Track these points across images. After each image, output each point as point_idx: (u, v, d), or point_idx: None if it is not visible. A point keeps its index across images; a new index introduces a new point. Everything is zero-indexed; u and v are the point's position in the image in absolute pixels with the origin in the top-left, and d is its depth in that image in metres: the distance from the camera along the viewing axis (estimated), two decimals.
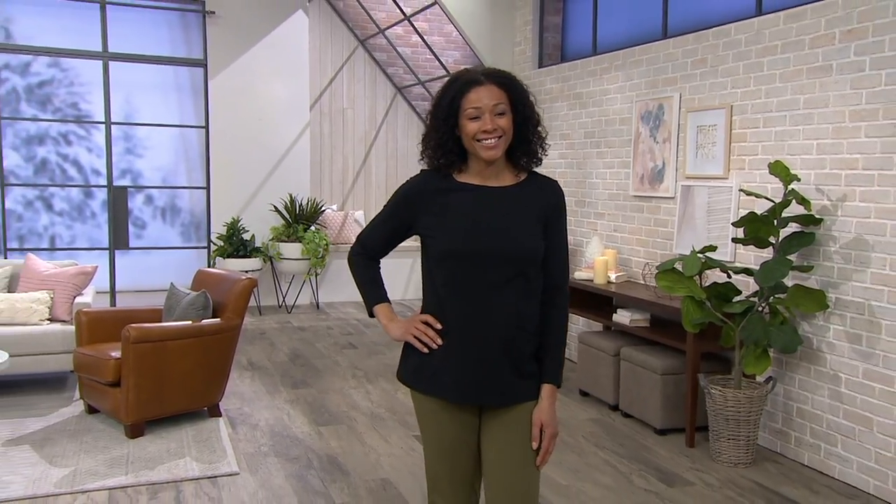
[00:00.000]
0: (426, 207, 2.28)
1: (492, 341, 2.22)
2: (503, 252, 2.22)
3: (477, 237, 2.21)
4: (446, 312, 2.25)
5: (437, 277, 2.27)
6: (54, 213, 8.32)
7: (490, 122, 2.16)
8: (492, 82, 2.19)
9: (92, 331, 4.97)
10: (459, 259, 2.22)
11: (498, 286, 2.22)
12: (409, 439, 4.66)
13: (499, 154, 2.20)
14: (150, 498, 3.77)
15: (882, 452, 3.91)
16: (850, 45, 4.05)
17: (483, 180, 2.27)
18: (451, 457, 2.31)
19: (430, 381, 2.27)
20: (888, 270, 3.86)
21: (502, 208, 2.25)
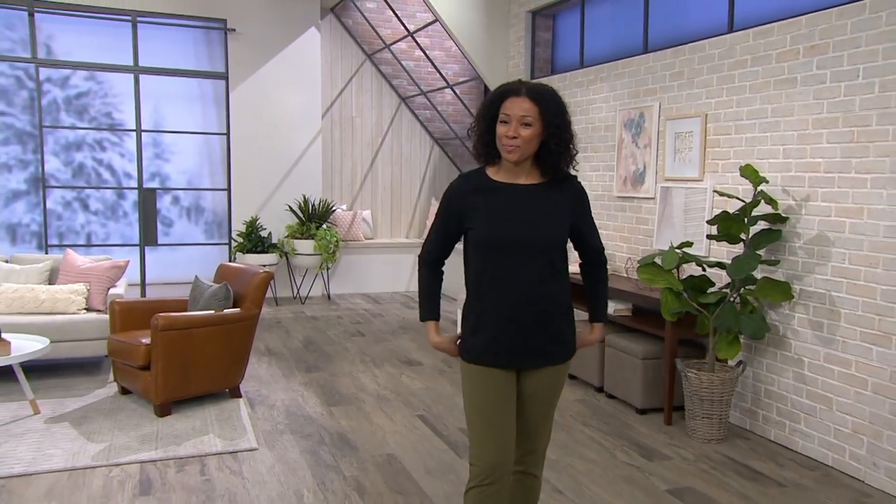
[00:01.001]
0: (467, 204, 2.42)
1: (528, 317, 2.39)
2: (530, 240, 2.38)
3: (508, 228, 2.37)
4: (486, 294, 2.41)
5: (475, 264, 2.44)
6: (90, 212, 8.33)
7: (514, 130, 2.31)
8: (527, 96, 2.33)
9: (124, 319, 4.98)
10: (494, 247, 2.39)
11: (529, 270, 2.38)
12: (413, 418, 4.68)
13: (516, 158, 2.35)
14: (178, 470, 3.79)
15: (840, 429, 3.93)
16: (813, 59, 4.06)
17: (514, 178, 2.43)
18: (491, 412, 2.42)
19: (480, 353, 2.42)
20: (847, 264, 3.88)
21: (529, 203, 2.41)
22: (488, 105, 2.38)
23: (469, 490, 2.43)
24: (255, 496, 3.51)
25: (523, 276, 2.38)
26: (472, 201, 2.41)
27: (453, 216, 2.46)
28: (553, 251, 2.42)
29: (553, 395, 2.52)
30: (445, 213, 2.49)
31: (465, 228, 2.45)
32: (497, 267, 2.39)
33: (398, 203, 10.09)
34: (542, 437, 2.56)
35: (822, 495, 3.65)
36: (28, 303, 5.37)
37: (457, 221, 2.46)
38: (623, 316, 5.18)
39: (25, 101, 7.91)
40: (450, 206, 2.47)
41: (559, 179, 2.47)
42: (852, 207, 3.84)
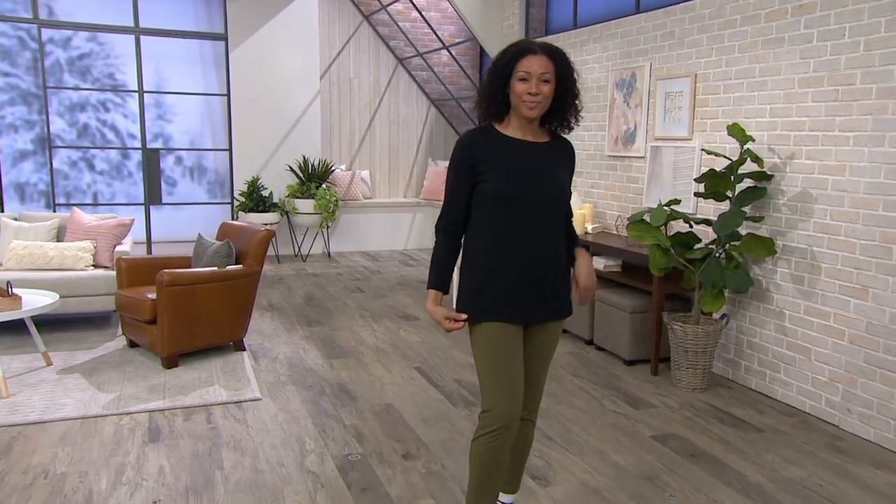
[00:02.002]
0: (480, 155, 2.36)
1: (540, 273, 2.40)
2: (546, 196, 2.37)
3: (523, 181, 2.34)
4: (498, 250, 2.38)
5: (486, 220, 2.38)
6: (96, 172, 8.32)
7: (535, 87, 2.27)
8: (544, 53, 2.30)
9: (130, 275, 5.02)
10: (509, 201, 2.34)
11: (542, 226, 2.38)
12: (410, 370, 4.74)
13: (537, 114, 2.33)
14: (185, 419, 3.86)
15: (817, 377, 4.00)
16: (801, 19, 4.03)
17: (523, 135, 2.40)
18: (505, 364, 2.41)
19: (493, 309, 2.40)
20: (828, 220, 3.90)
21: (541, 160, 2.39)
22: (504, 64, 2.32)
23: (479, 437, 2.43)
24: (258, 443, 3.58)
25: (537, 232, 2.37)
26: (486, 153, 2.36)
27: (467, 169, 2.38)
28: (561, 209, 2.44)
29: (553, 346, 2.57)
30: (458, 168, 2.40)
31: (478, 181, 2.38)
32: (511, 222, 2.35)
33: (396, 163, 10.06)
34: (541, 386, 2.62)
35: (798, 440, 3.73)
36: (37, 259, 5.39)
37: (470, 175, 2.38)
38: (613, 272, 5.22)
39: (29, 61, 7.83)
40: (463, 159, 2.39)
41: (561, 142, 2.47)
42: (835, 165, 3.85)
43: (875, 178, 3.62)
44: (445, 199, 2.46)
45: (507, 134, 2.40)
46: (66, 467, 3.27)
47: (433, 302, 2.47)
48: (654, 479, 3.27)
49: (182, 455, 3.43)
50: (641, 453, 3.54)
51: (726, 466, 3.40)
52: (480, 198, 2.38)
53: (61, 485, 3.11)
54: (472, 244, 2.44)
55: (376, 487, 3.15)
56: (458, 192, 2.42)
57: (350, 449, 3.53)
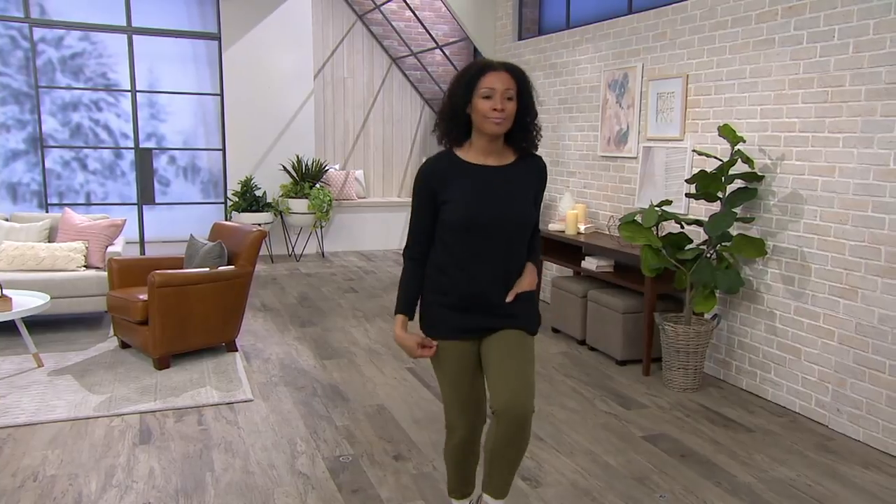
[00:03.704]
0: (440, 184, 2.34)
1: (487, 293, 2.40)
2: (504, 221, 2.35)
3: (484, 208, 2.32)
4: (455, 273, 2.38)
5: (446, 243, 2.37)
6: (89, 172, 8.29)
7: (500, 103, 2.25)
8: (505, 71, 2.29)
9: (122, 276, 5.01)
10: (469, 228, 2.33)
11: (497, 250, 2.37)
12: (402, 370, 4.74)
13: (503, 131, 2.31)
14: (176, 420, 3.86)
15: (807, 377, 4.01)
16: (791, 20, 4.04)
17: (485, 158, 2.37)
18: (457, 382, 2.48)
19: (449, 329, 2.42)
20: (818, 221, 3.91)
21: (505, 183, 2.36)
22: (466, 82, 2.29)
23: (446, 445, 2.61)
24: (250, 444, 3.58)
25: (495, 255, 2.37)
26: (447, 182, 2.34)
27: (429, 198, 2.37)
28: (526, 230, 2.43)
29: (520, 344, 2.44)
30: (421, 197, 2.39)
31: (439, 208, 2.38)
32: (469, 245, 2.35)
33: (390, 162, 10.05)
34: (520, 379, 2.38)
35: (788, 440, 3.74)
36: (28, 260, 5.37)
37: (431, 204, 2.37)
38: (605, 272, 5.23)
39: (21, 61, 7.80)
40: (425, 188, 2.37)
41: (528, 160, 2.44)
42: (825, 166, 3.86)
43: (864, 179, 3.63)
44: (411, 228, 2.46)
45: (467, 160, 2.37)
46: (55, 470, 3.27)
47: (401, 327, 2.45)
48: (644, 479, 3.28)
49: (173, 457, 3.42)
50: (632, 454, 3.55)
51: (716, 467, 3.41)
52: (442, 223, 2.37)
53: (50, 487, 3.10)
54: (431, 262, 2.44)
55: (367, 489, 3.15)
56: (422, 220, 2.42)
57: (341, 450, 3.53)
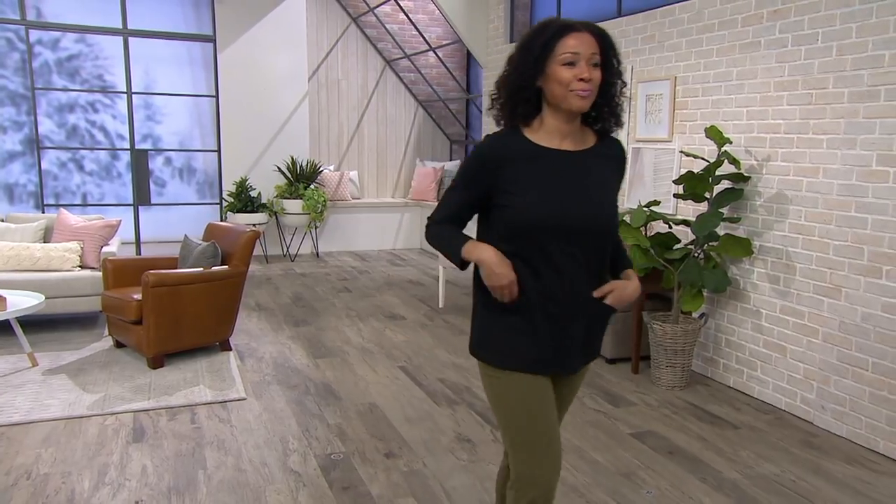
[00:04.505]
0: (502, 170, 1.86)
1: (571, 316, 1.92)
2: (590, 223, 1.87)
3: (564, 207, 1.84)
4: (528, 289, 1.88)
5: (512, 250, 1.86)
6: (85, 173, 8.27)
7: (587, 70, 1.79)
8: (588, 31, 1.82)
9: (117, 276, 4.99)
10: (542, 231, 1.84)
11: (579, 260, 1.88)
12: (394, 369, 4.75)
13: (588, 106, 1.84)
14: (170, 419, 3.85)
15: (793, 375, 4.03)
16: (776, 23, 4.05)
17: (560, 142, 1.90)
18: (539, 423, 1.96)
19: (526, 360, 1.92)
20: (803, 221, 3.93)
21: (588, 174, 1.90)
22: (543, 44, 1.81)
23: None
24: (242, 443, 3.57)
25: (577, 266, 1.88)
26: (516, 169, 1.85)
27: (481, 185, 1.89)
28: (612, 236, 1.96)
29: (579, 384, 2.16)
30: (472, 180, 1.91)
31: (495, 205, 1.88)
32: (545, 256, 1.85)
33: (384, 163, 10.05)
34: None
35: (773, 436, 3.76)
36: (24, 260, 5.36)
37: (484, 193, 1.89)
38: None
39: (17, 62, 7.78)
40: (480, 173, 1.89)
41: (608, 143, 1.97)
42: (809, 167, 3.87)
43: (847, 180, 3.65)
44: (445, 201, 2.00)
45: (539, 143, 1.88)
46: (49, 468, 3.26)
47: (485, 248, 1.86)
48: (631, 475, 3.29)
49: (165, 455, 3.42)
50: (620, 451, 3.55)
51: (702, 463, 3.42)
52: (504, 225, 1.87)
53: (44, 486, 3.10)
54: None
55: (357, 486, 3.15)
56: (465, 203, 1.95)
57: (333, 448, 3.53)
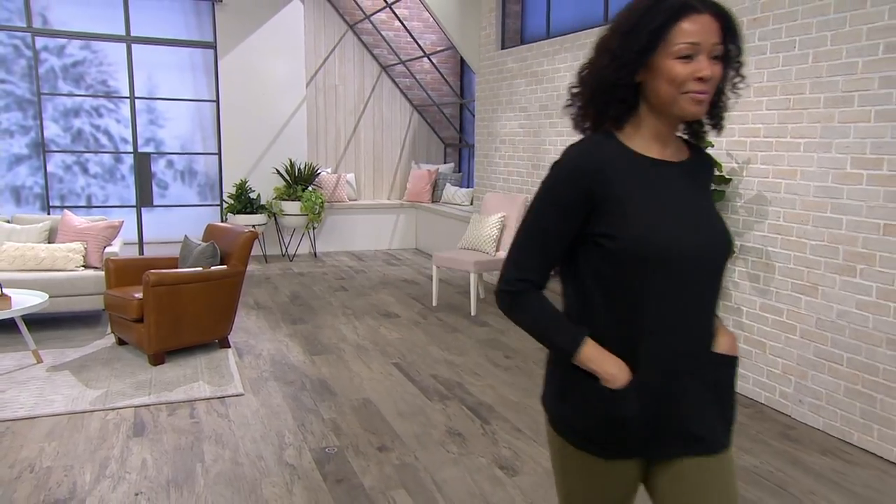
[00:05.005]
0: (606, 184, 1.36)
1: (697, 380, 1.42)
2: (717, 256, 1.42)
3: (678, 231, 1.37)
4: (622, 337, 1.40)
5: (608, 290, 1.39)
6: (90, 175, 8.27)
7: (707, 66, 1.34)
8: (710, 12, 1.35)
9: (119, 276, 5.00)
10: (663, 268, 1.35)
11: (704, 303, 1.42)
12: (388, 366, 4.76)
13: (703, 113, 1.39)
14: (169, 414, 3.86)
15: (772, 370, 4.05)
16: (755, 31, 4.07)
17: (661, 150, 1.43)
18: None
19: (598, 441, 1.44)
20: (781, 222, 3.95)
21: (699, 193, 1.46)
22: (652, 30, 1.32)
23: None
24: (239, 437, 3.58)
25: (691, 310, 1.39)
26: (617, 188, 1.36)
27: (577, 212, 1.38)
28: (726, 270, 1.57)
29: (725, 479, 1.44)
30: (564, 207, 1.38)
31: (592, 235, 1.38)
32: (652, 296, 1.36)
33: (380, 166, 10.07)
34: None
35: (753, 429, 3.78)
36: (29, 261, 5.36)
37: (581, 213, 1.38)
38: None
39: (24, 69, 7.77)
40: (574, 194, 1.37)
41: (701, 155, 1.53)
42: (787, 170, 3.89)
43: (823, 182, 3.67)
44: (519, 245, 1.45)
45: (639, 151, 1.42)
46: (51, 461, 3.27)
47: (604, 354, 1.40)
48: None
49: (165, 449, 3.43)
50: None
51: None
52: (606, 263, 1.38)
53: (46, 478, 3.11)
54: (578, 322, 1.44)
55: (351, 478, 3.17)
56: (553, 238, 1.41)
57: (327, 442, 3.55)
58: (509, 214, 6.45)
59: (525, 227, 1.45)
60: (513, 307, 1.46)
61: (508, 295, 1.46)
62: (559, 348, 1.44)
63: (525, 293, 1.44)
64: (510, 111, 6.97)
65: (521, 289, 1.44)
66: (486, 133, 7.48)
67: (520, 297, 1.44)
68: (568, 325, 1.43)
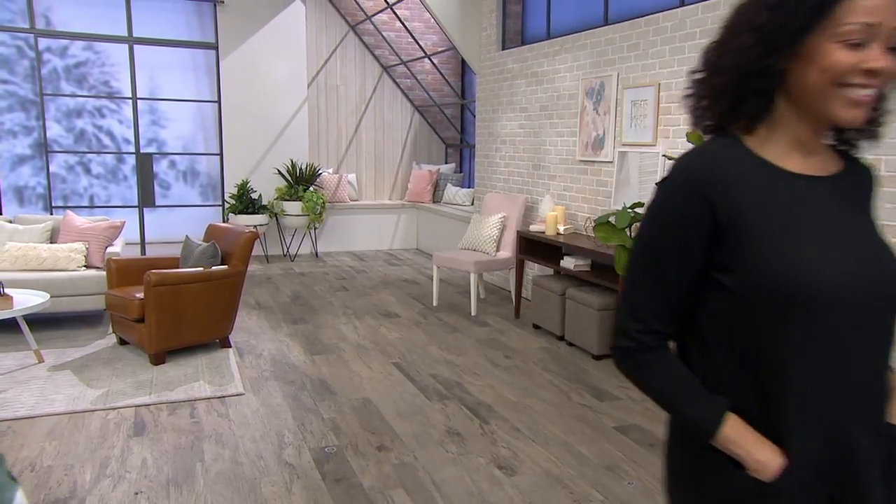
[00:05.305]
0: (732, 204, 1.07)
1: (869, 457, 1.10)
2: (879, 293, 1.07)
3: (836, 262, 1.06)
4: (774, 414, 1.08)
5: (747, 339, 1.08)
6: (92, 176, 8.28)
7: (881, 57, 1.02)
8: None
9: (120, 276, 5.01)
10: (804, 311, 1.04)
11: (869, 356, 1.09)
12: (388, 366, 4.76)
13: (862, 118, 1.07)
14: (170, 414, 3.86)
15: None
16: None
17: (803, 161, 1.12)
18: None
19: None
20: None
21: (849, 214, 1.12)
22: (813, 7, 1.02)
23: None
24: (239, 436, 3.59)
25: (861, 369, 1.08)
26: (740, 205, 1.07)
27: (694, 235, 1.09)
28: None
29: None
30: (675, 229, 1.10)
31: (719, 270, 1.09)
32: (804, 351, 1.05)
33: (381, 167, 10.07)
34: None
35: None
36: (31, 261, 5.37)
37: (700, 248, 1.09)
38: (583, 271, 5.25)
39: (27, 69, 7.78)
40: (685, 214, 1.09)
41: (856, 165, 1.20)
42: None
43: None
44: (633, 285, 1.16)
45: (774, 161, 1.11)
46: (52, 460, 3.27)
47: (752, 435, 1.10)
48: (614, 468, 3.31)
49: (165, 448, 3.43)
50: (604, 443, 3.57)
51: None
52: (728, 301, 1.09)
53: (47, 477, 3.11)
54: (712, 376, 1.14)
55: (350, 478, 3.16)
56: (672, 269, 1.11)
57: (327, 441, 3.55)
58: (509, 215, 6.44)
59: (635, 263, 1.15)
60: (637, 367, 1.15)
61: (628, 352, 1.15)
62: (693, 425, 1.12)
63: (650, 349, 1.13)
64: (510, 112, 6.97)
65: (645, 343, 1.13)
66: (486, 133, 7.48)
67: (644, 355, 1.13)
68: (704, 393, 1.11)
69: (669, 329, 1.15)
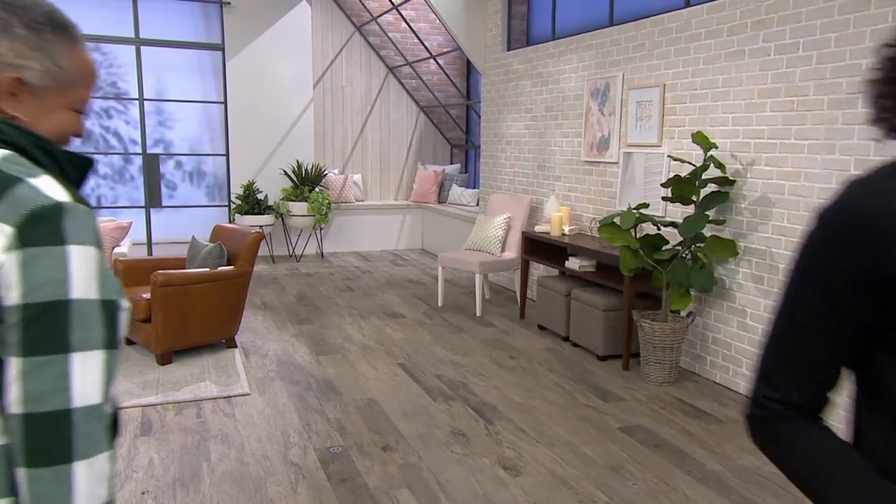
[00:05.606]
0: None
1: None
2: None
3: None
4: None
5: None
6: (99, 176, 8.31)
7: None
8: None
9: (127, 276, 5.03)
10: None
11: None
12: (393, 366, 4.77)
13: None
14: (176, 413, 3.88)
15: None
16: (760, 33, 4.06)
17: None
18: None
19: None
20: (785, 223, 3.94)
21: None
22: None
23: None
24: (245, 436, 3.60)
25: None
26: None
27: (854, 292, 0.86)
28: None
29: None
30: (823, 287, 0.89)
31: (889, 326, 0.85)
32: None
33: (387, 167, 10.08)
34: None
35: None
36: None
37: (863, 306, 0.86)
38: (588, 272, 5.25)
39: None
40: (845, 264, 0.86)
41: None
42: (791, 171, 3.88)
43: (827, 183, 3.66)
44: (772, 344, 0.96)
45: None
46: None
47: None
48: (619, 468, 3.31)
49: (171, 448, 3.45)
50: (608, 444, 3.57)
51: (687, 456, 3.44)
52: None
53: None
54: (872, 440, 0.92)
55: (355, 478, 3.18)
56: (817, 332, 0.90)
57: (332, 441, 3.56)
58: (515, 215, 6.45)
59: (778, 318, 0.94)
60: (769, 440, 0.95)
61: (758, 421, 0.96)
62: None
63: (783, 420, 0.93)
64: (516, 112, 6.97)
65: (777, 413, 0.94)
66: (491, 134, 7.49)
67: (775, 426, 0.94)
68: (861, 478, 0.87)
69: (809, 402, 0.92)
